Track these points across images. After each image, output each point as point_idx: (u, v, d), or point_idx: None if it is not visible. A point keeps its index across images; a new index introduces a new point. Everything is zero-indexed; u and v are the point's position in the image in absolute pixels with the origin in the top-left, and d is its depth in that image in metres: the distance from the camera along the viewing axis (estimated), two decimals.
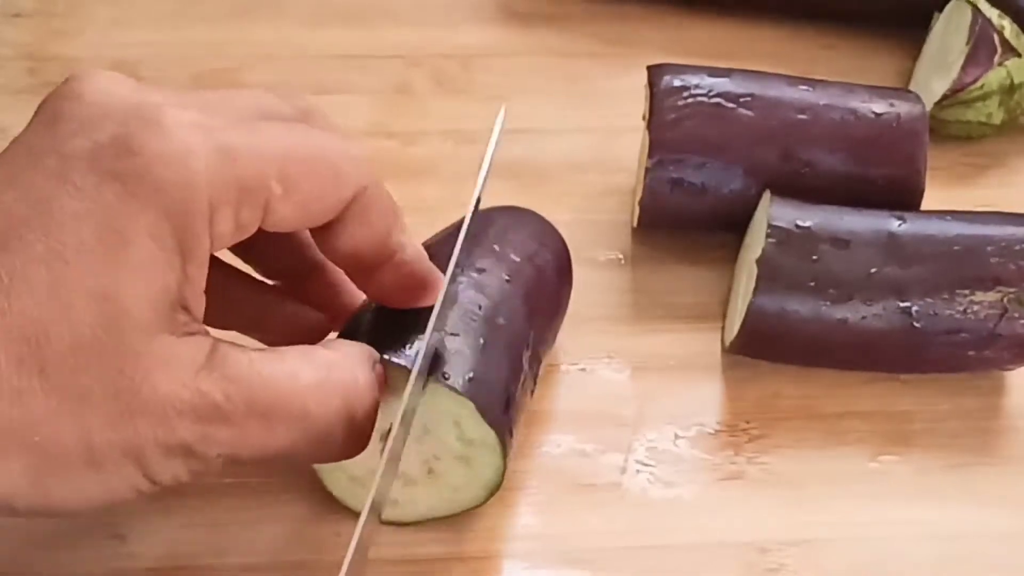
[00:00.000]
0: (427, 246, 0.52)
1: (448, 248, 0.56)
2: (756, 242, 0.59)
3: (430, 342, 0.49)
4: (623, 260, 0.66)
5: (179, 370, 0.42)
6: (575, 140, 0.72)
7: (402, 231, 0.49)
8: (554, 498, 0.57)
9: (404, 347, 0.50)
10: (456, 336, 0.52)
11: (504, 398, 0.53)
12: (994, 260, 0.58)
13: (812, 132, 0.62)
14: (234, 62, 0.74)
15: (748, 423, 0.60)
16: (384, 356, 0.49)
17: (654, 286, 0.65)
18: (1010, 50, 0.71)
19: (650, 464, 0.58)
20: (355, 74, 0.74)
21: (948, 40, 0.73)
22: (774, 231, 0.58)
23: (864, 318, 0.58)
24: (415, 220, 0.49)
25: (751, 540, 0.56)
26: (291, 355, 0.45)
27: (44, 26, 0.75)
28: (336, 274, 0.53)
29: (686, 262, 0.66)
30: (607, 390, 0.61)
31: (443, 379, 0.50)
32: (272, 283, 0.54)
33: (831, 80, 0.65)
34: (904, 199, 0.62)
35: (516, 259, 0.57)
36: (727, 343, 0.61)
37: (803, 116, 0.62)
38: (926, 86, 0.73)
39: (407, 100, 0.73)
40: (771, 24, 0.79)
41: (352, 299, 0.54)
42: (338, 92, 0.73)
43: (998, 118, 0.72)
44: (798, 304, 0.58)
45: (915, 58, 0.76)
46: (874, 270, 0.58)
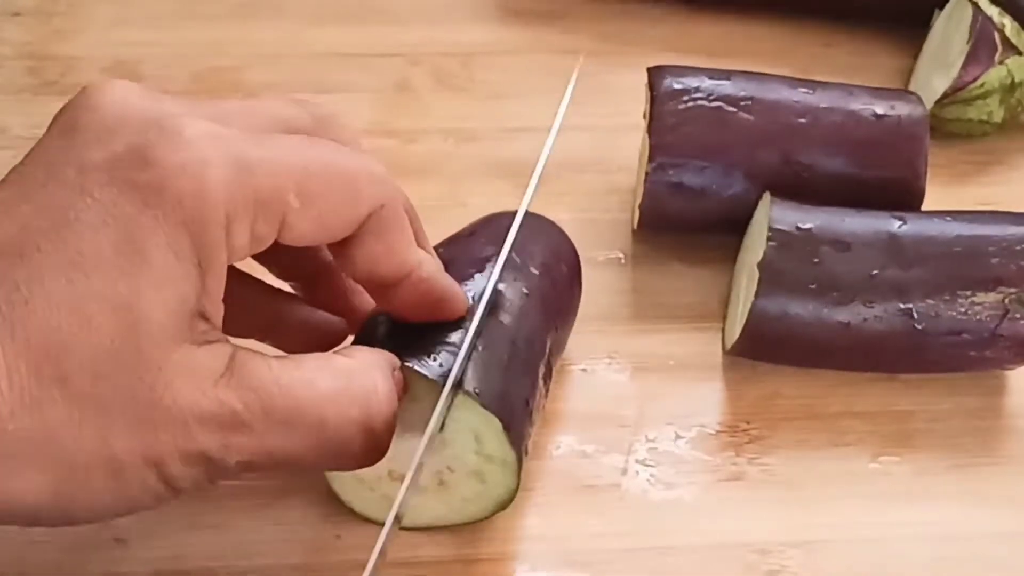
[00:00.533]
0: (437, 248, 0.52)
1: (458, 251, 0.56)
2: (757, 245, 0.59)
3: (463, 357, 0.50)
4: (623, 260, 0.66)
5: (199, 379, 0.42)
6: (575, 139, 0.71)
7: (421, 247, 0.49)
8: (555, 499, 0.57)
9: (426, 355, 0.49)
10: (483, 352, 0.51)
11: (524, 416, 0.53)
12: (995, 261, 0.58)
13: (812, 136, 0.62)
14: (234, 61, 0.74)
15: (748, 423, 0.60)
16: (405, 363, 0.49)
17: (654, 286, 0.65)
18: (1010, 48, 0.70)
19: (651, 465, 0.58)
20: (355, 73, 0.74)
21: (949, 38, 0.73)
22: (775, 234, 0.58)
23: (866, 320, 0.58)
24: None
25: (752, 541, 0.56)
26: (309, 363, 0.45)
27: (44, 25, 0.75)
28: (350, 279, 0.53)
29: (687, 262, 0.66)
30: (607, 391, 0.61)
31: (475, 395, 0.50)
32: (287, 287, 0.54)
33: (832, 81, 0.65)
34: (904, 201, 0.62)
35: (535, 272, 0.56)
36: (728, 345, 0.61)
37: (803, 120, 0.62)
38: (927, 84, 0.73)
39: (407, 99, 0.73)
40: (772, 22, 0.79)
41: (366, 301, 0.54)
42: (338, 91, 0.73)
43: (998, 116, 0.72)
44: (800, 307, 0.58)
45: (916, 56, 0.76)
46: (875, 272, 0.58)
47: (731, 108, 0.62)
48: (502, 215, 0.58)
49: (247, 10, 0.77)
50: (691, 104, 0.62)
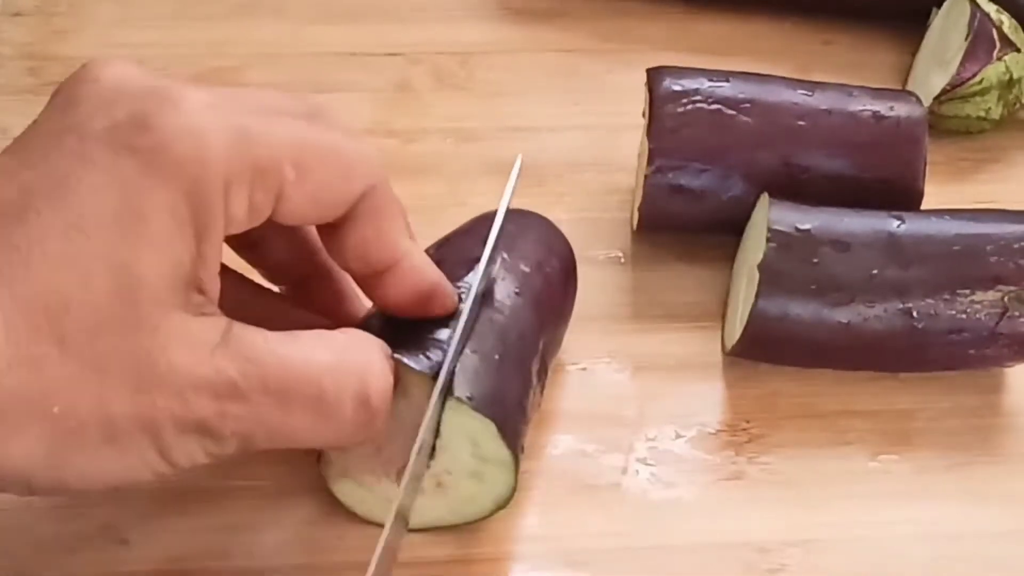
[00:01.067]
0: (430, 249, 0.52)
1: (450, 251, 0.56)
2: (756, 246, 0.59)
3: (450, 359, 0.50)
4: (623, 259, 0.66)
5: (196, 347, 0.42)
6: (575, 138, 0.72)
7: (409, 237, 0.49)
8: (555, 499, 0.57)
9: (416, 349, 0.50)
10: (473, 352, 0.52)
11: (518, 415, 0.53)
12: (993, 259, 0.58)
13: (811, 138, 0.62)
14: (235, 61, 0.74)
15: (748, 422, 0.60)
16: (395, 355, 0.49)
17: (654, 285, 0.65)
18: (1008, 45, 0.71)
19: (651, 464, 0.58)
20: (355, 72, 0.74)
21: (947, 35, 0.73)
22: (775, 235, 0.58)
23: (866, 320, 0.58)
24: (415, 218, 0.50)
25: (752, 540, 0.56)
26: (306, 336, 0.46)
27: (45, 25, 0.75)
28: (343, 282, 0.54)
29: (686, 261, 0.66)
30: (607, 390, 0.61)
31: (467, 400, 0.50)
32: (278, 289, 0.55)
33: (831, 81, 0.65)
34: (903, 203, 0.62)
35: (526, 269, 0.56)
36: (728, 347, 0.61)
37: (802, 122, 0.62)
38: (925, 81, 0.73)
39: (407, 98, 0.73)
40: (771, 20, 0.79)
41: (358, 308, 0.54)
42: (339, 90, 0.73)
43: (996, 113, 0.72)
44: (800, 307, 0.58)
45: (914, 53, 0.76)
46: (875, 272, 0.58)
47: (730, 111, 0.62)
48: (494, 213, 0.58)
49: (247, 10, 0.77)
50: (690, 107, 0.62)
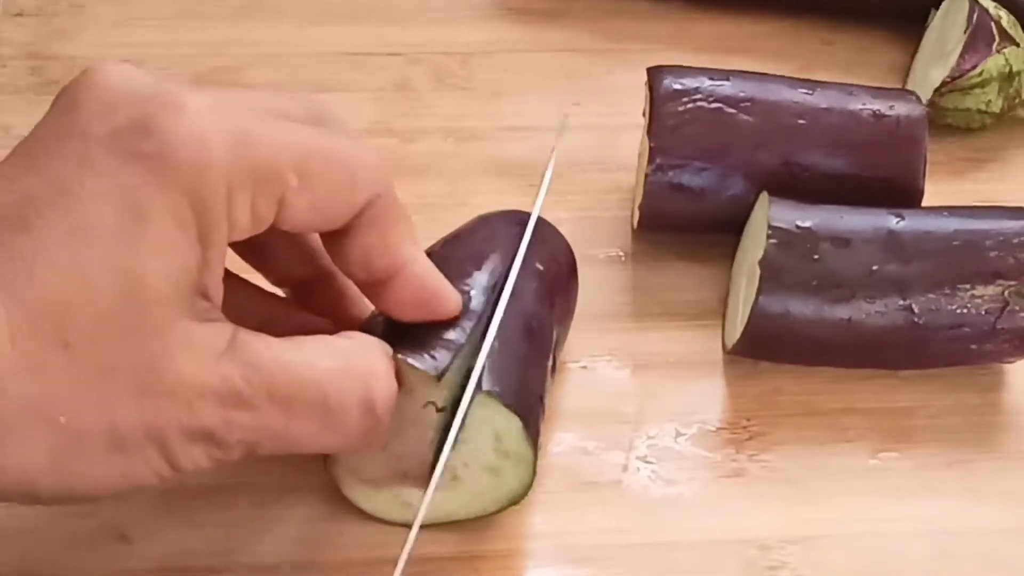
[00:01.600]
0: (430, 252, 0.52)
1: (454, 249, 0.56)
2: (756, 244, 0.59)
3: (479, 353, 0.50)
4: (623, 258, 0.66)
5: (201, 354, 0.42)
6: (575, 137, 0.71)
7: (413, 243, 0.49)
8: (556, 496, 0.57)
9: (419, 348, 0.50)
10: (502, 347, 0.52)
11: (539, 410, 0.53)
12: (993, 254, 0.58)
13: (812, 137, 0.62)
14: (236, 61, 0.74)
15: (749, 420, 0.60)
16: (398, 355, 0.49)
17: (655, 283, 0.65)
18: (1007, 39, 0.71)
19: (651, 462, 0.58)
20: (356, 72, 0.74)
21: (946, 31, 0.73)
22: (775, 232, 0.58)
23: (867, 316, 0.58)
24: (416, 218, 0.50)
25: (752, 537, 0.56)
26: (310, 343, 0.46)
27: (46, 25, 0.75)
28: (345, 285, 0.53)
29: (687, 259, 0.66)
30: (608, 388, 0.61)
31: (496, 395, 0.50)
32: (281, 293, 0.55)
33: (831, 81, 0.65)
34: (903, 202, 0.62)
35: (540, 267, 0.56)
36: (728, 345, 0.61)
37: (802, 121, 0.62)
38: (925, 78, 0.73)
39: (407, 98, 0.73)
40: (771, 19, 0.79)
41: (361, 310, 0.54)
42: (339, 90, 0.73)
43: (997, 106, 0.72)
44: (801, 305, 0.58)
45: (913, 53, 0.76)
46: (875, 268, 0.58)
47: (731, 109, 0.62)
48: (496, 214, 0.59)
49: (248, 10, 0.77)
50: (691, 106, 0.62)
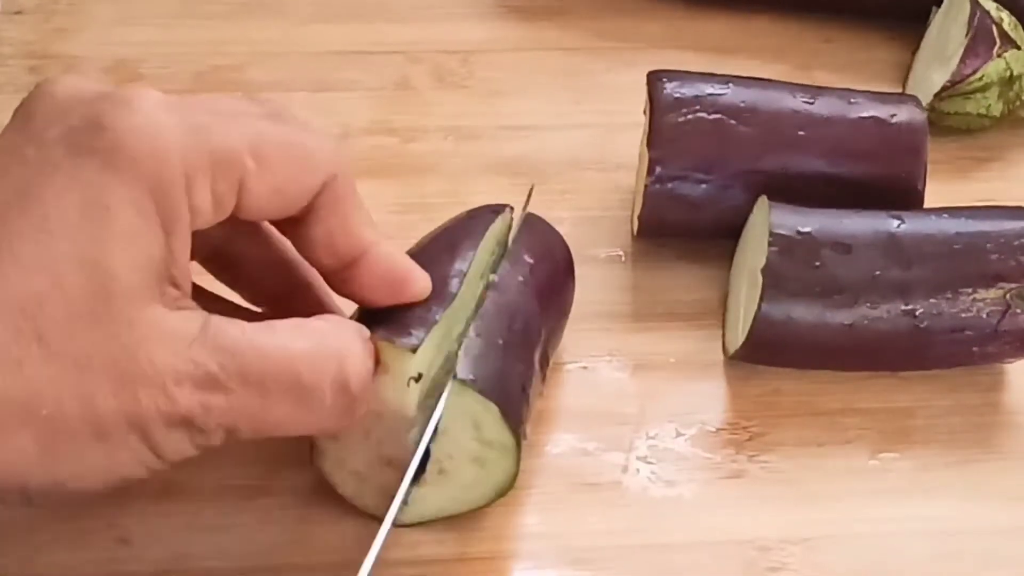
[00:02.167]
0: (413, 254, 0.52)
1: (431, 240, 0.56)
2: (756, 250, 0.59)
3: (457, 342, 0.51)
4: (624, 257, 0.66)
5: (173, 341, 0.43)
6: (575, 136, 0.72)
7: (373, 228, 0.49)
8: (556, 497, 0.57)
9: (395, 326, 0.50)
10: (477, 336, 0.52)
11: (520, 400, 0.53)
12: (994, 257, 0.58)
13: (812, 148, 0.62)
14: (236, 60, 0.74)
15: (749, 421, 0.60)
16: (374, 333, 0.49)
17: (655, 284, 0.65)
18: (1009, 42, 0.71)
19: (651, 462, 0.58)
20: (356, 71, 0.74)
21: (947, 33, 0.73)
22: (776, 239, 0.58)
23: (870, 321, 0.58)
24: (416, 216, 0.50)
25: (752, 538, 0.56)
26: (283, 326, 0.46)
27: (45, 24, 0.75)
28: (323, 296, 0.54)
29: (687, 260, 0.66)
30: (608, 388, 0.61)
31: (470, 382, 0.50)
32: (258, 310, 0.55)
33: (832, 87, 0.65)
34: (902, 208, 0.61)
35: (529, 260, 0.57)
36: (731, 351, 0.61)
37: (803, 132, 0.62)
38: (925, 78, 0.73)
39: (408, 96, 0.73)
40: (771, 18, 0.79)
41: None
42: (339, 89, 0.73)
43: (997, 110, 0.72)
44: (804, 311, 0.58)
45: (914, 51, 0.76)
46: (878, 273, 0.58)
47: (731, 120, 0.62)
48: (481, 207, 0.58)
49: (248, 9, 0.77)
50: (690, 116, 0.62)
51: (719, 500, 0.57)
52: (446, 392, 0.50)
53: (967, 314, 0.58)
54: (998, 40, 0.70)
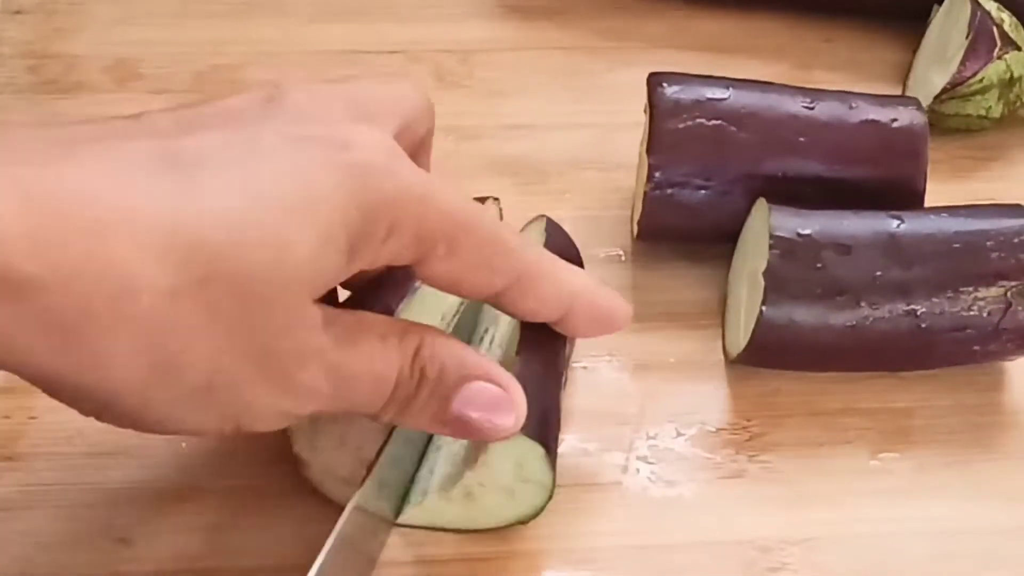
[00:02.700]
0: None
1: None
2: (757, 252, 0.59)
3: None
4: (623, 257, 0.66)
5: (312, 340, 0.43)
6: (575, 136, 0.72)
7: (568, 275, 0.50)
8: (556, 497, 0.56)
9: None
10: (523, 367, 0.51)
11: (557, 434, 0.53)
12: (994, 255, 0.58)
13: (812, 154, 0.62)
14: (236, 59, 0.74)
15: (749, 421, 0.60)
16: None
17: (655, 283, 0.65)
18: (1009, 43, 0.71)
19: (652, 463, 0.58)
20: (356, 70, 0.74)
21: (947, 33, 0.73)
22: (777, 241, 0.58)
23: (872, 322, 0.58)
24: None
25: (752, 538, 0.56)
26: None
27: (45, 24, 0.75)
28: None
29: (687, 260, 0.66)
30: (608, 389, 0.61)
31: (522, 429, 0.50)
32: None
33: (832, 89, 0.65)
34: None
35: None
36: (732, 355, 0.61)
37: (803, 139, 0.62)
38: (925, 79, 0.73)
39: None
40: (771, 18, 0.79)
41: None
42: None
43: (997, 112, 0.72)
44: (806, 313, 0.58)
45: (914, 51, 0.76)
46: (879, 273, 0.58)
47: (731, 127, 0.62)
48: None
49: (248, 8, 0.77)
50: (690, 123, 0.61)
51: (719, 500, 0.57)
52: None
53: (968, 313, 0.58)
54: (999, 41, 0.70)
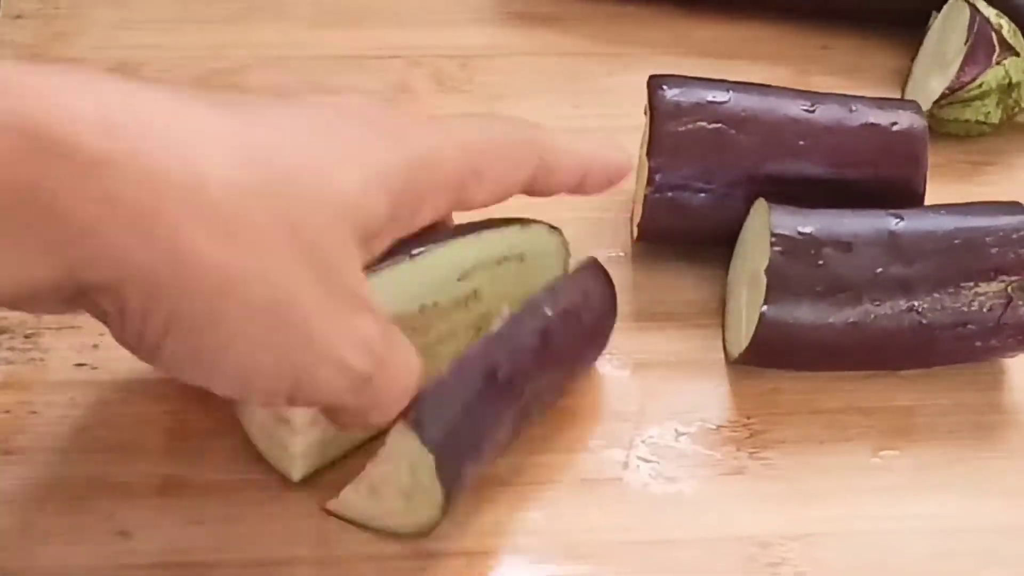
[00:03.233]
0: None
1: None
2: (757, 252, 0.59)
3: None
4: (624, 257, 0.66)
5: (363, 290, 0.46)
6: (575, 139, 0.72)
7: (578, 152, 0.55)
8: (557, 493, 0.57)
9: None
10: (451, 378, 0.52)
11: (469, 456, 0.52)
12: (994, 250, 0.59)
13: (812, 158, 0.62)
14: (236, 63, 0.74)
15: (749, 419, 0.60)
16: None
17: (655, 283, 0.65)
18: (1008, 49, 0.71)
19: (652, 460, 0.58)
20: (356, 74, 0.74)
21: (946, 39, 0.73)
22: (778, 240, 0.58)
23: (874, 319, 0.58)
24: None
25: (753, 535, 0.56)
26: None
27: (46, 28, 0.76)
28: None
29: (686, 260, 0.66)
30: (609, 386, 0.61)
31: (416, 428, 0.50)
32: None
33: (832, 93, 0.65)
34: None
35: (548, 313, 0.55)
36: (733, 355, 0.61)
37: (803, 142, 0.62)
38: (924, 85, 0.73)
39: (408, 100, 0.73)
40: (770, 24, 0.79)
41: None
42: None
43: (996, 117, 0.72)
44: (808, 311, 0.58)
45: (913, 57, 0.76)
46: (880, 270, 0.58)
47: (731, 130, 0.62)
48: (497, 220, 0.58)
49: (248, 13, 0.77)
50: (691, 126, 0.62)
51: (720, 497, 0.57)
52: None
53: (969, 308, 0.58)
54: (997, 47, 0.71)
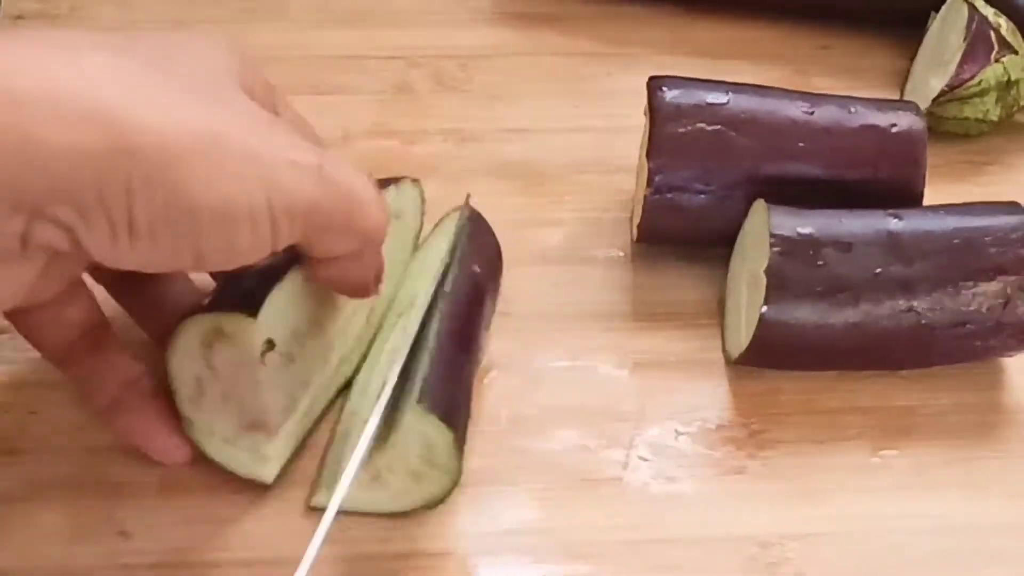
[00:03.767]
0: None
1: None
2: (756, 253, 0.59)
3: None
4: (624, 257, 0.66)
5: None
6: (575, 139, 0.72)
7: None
8: (556, 493, 0.57)
9: (234, 299, 0.52)
10: (439, 358, 0.53)
11: (466, 420, 0.54)
12: (993, 250, 0.59)
13: (811, 159, 0.62)
14: None
15: (749, 419, 0.60)
16: (212, 312, 0.51)
17: (655, 283, 0.65)
18: (1007, 47, 0.71)
19: (652, 459, 0.58)
20: (356, 75, 0.74)
21: (945, 38, 0.73)
22: (778, 240, 0.58)
23: (874, 319, 0.58)
24: None
25: (753, 534, 0.56)
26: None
27: (46, 28, 0.75)
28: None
29: (686, 259, 0.66)
30: (609, 386, 0.61)
31: (433, 410, 0.51)
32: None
33: (832, 94, 0.65)
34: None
35: (477, 270, 0.58)
36: (733, 355, 0.61)
37: (802, 144, 0.62)
38: (923, 83, 0.73)
39: (408, 100, 0.74)
40: (770, 24, 0.79)
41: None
42: (340, 92, 0.73)
43: (995, 114, 0.72)
44: (808, 311, 0.58)
45: (912, 57, 0.76)
46: (879, 270, 0.58)
47: (731, 132, 0.62)
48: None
49: (248, 13, 0.77)
50: (690, 128, 0.61)
51: (720, 496, 0.57)
52: (383, 396, 0.51)
53: (968, 308, 0.58)
54: (996, 45, 0.71)
